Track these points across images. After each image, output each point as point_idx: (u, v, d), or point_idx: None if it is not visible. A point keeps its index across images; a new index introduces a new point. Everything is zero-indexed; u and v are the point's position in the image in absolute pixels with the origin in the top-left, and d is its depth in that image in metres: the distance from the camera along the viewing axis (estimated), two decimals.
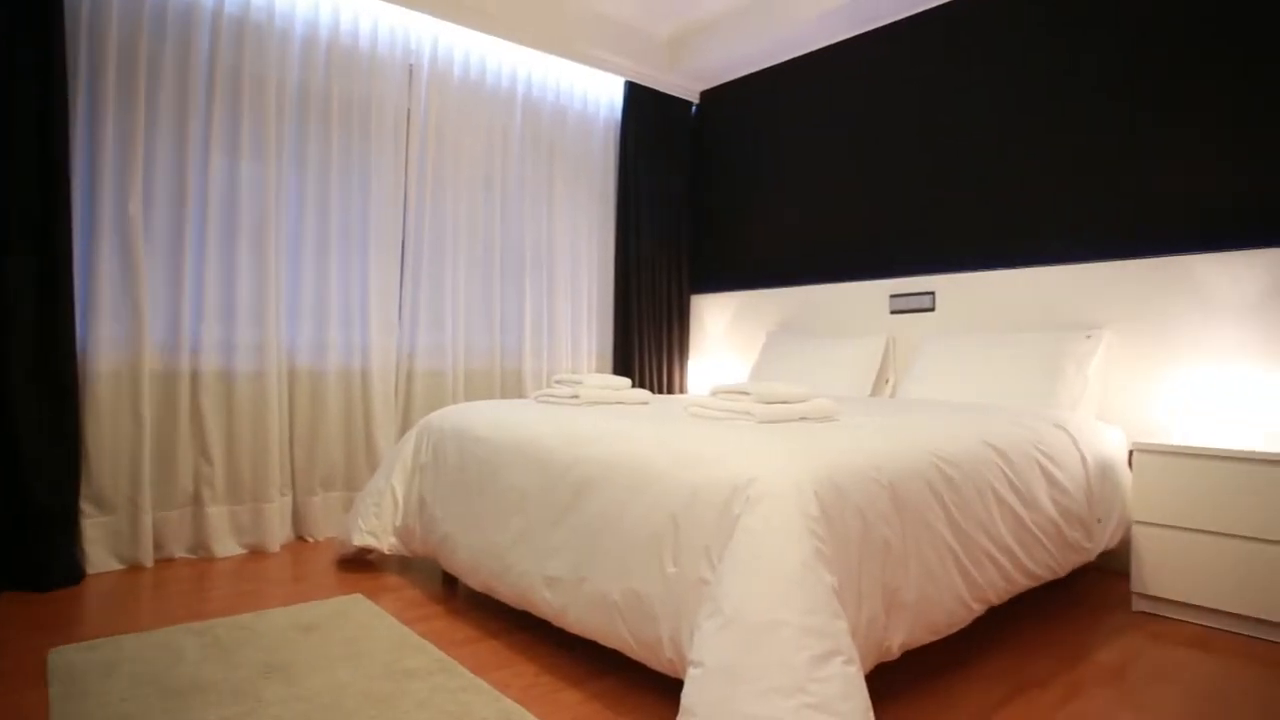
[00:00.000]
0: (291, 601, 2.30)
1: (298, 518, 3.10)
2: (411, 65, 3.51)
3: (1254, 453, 2.16)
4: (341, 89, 3.25)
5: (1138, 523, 2.37)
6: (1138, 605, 2.38)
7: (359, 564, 2.74)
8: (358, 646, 1.91)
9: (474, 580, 2.14)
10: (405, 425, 3.46)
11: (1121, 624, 2.26)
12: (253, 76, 2.97)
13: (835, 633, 1.30)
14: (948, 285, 3.36)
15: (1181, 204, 2.72)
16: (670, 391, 4.51)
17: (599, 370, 4.28)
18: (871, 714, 1.29)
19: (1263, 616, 2.13)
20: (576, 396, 2.53)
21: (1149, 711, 1.69)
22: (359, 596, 2.31)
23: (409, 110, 3.49)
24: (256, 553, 2.89)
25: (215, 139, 2.87)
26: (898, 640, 1.57)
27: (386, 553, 2.55)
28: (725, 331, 4.44)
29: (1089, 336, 2.81)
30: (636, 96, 4.36)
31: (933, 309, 3.41)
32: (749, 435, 1.69)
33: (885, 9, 3.56)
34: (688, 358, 4.62)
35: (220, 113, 2.89)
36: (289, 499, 3.08)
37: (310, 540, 3.09)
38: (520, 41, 3.78)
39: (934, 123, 3.48)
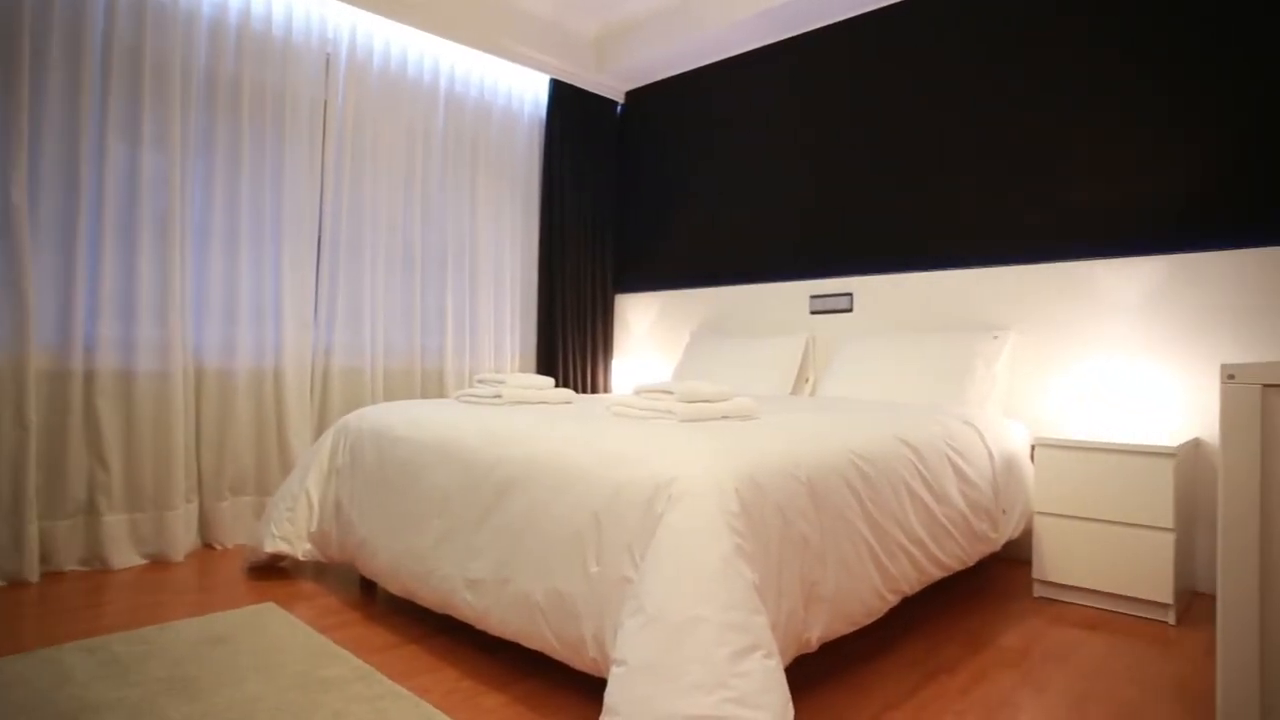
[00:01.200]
0: (197, 613, 2.20)
1: (205, 525, 2.96)
2: (329, 55, 3.40)
3: (1138, 446, 2.31)
4: (253, 77, 3.12)
5: (1039, 513, 2.50)
6: (1038, 591, 2.52)
7: (271, 571, 2.63)
8: (270, 657, 1.84)
9: (394, 585, 2.09)
10: (321, 426, 3.34)
11: (1023, 610, 2.38)
12: (154, 59, 2.82)
13: (755, 628, 1.33)
14: (865, 287, 3.47)
15: (1081, 215, 2.89)
16: (594, 391, 4.51)
17: (522, 370, 4.25)
18: (790, 706, 1.32)
19: (1145, 597, 2.29)
20: (499, 396, 2.50)
21: (1045, 690, 1.79)
22: (271, 605, 2.22)
23: (326, 102, 3.38)
24: (159, 563, 2.74)
25: (112, 125, 2.71)
26: (816, 633, 1.61)
27: (301, 559, 2.46)
28: (649, 331, 4.47)
29: (995, 337, 2.96)
30: (562, 95, 4.34)
31: (851, 310, 3.51)
32: (671, 434, 1.71)
33: (806, 16, 3.65)
34: (612, 357, 4.63)
35: (118, 97, 2.72)
36: (195, 505, 2.93)
37: (218, 548, 2.95)
38: (443, 35, 3.71)
39: (853, 129, 3.59)
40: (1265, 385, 1.34)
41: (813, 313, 3.65)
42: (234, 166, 3.06)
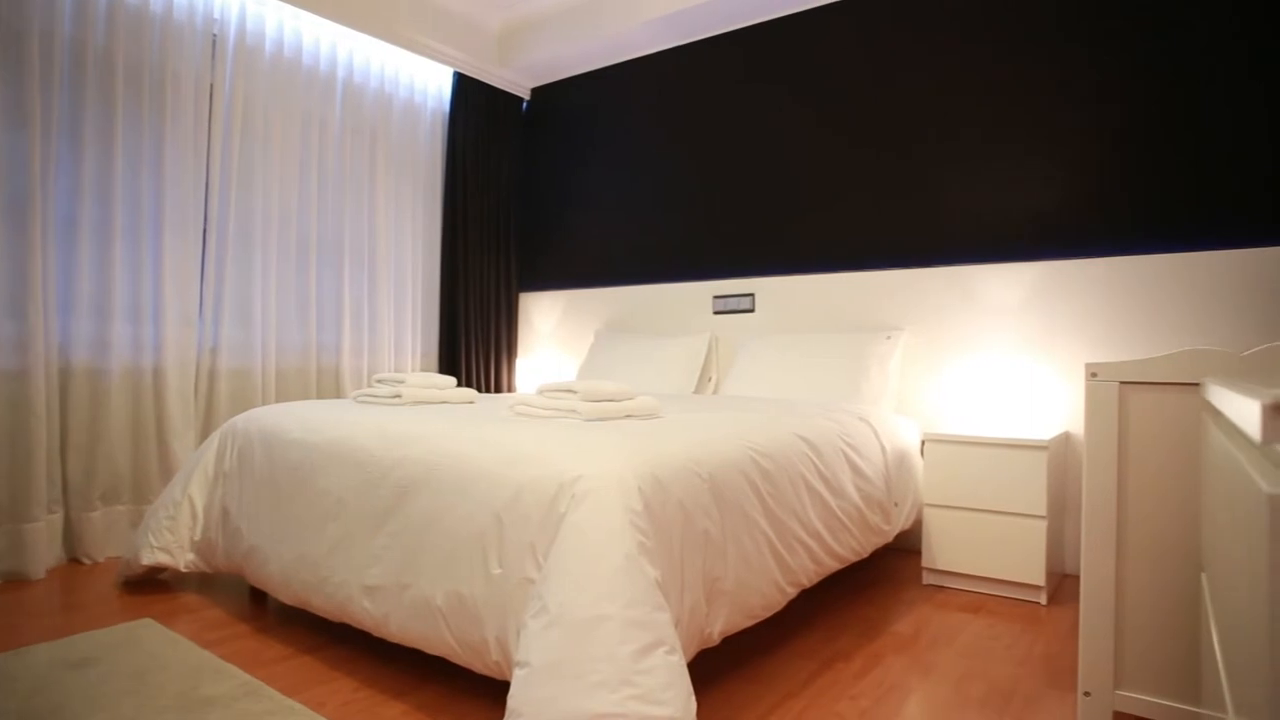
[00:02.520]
0: (61, 634, 2.03)
1: (71, 537, 2.74)
2: (215, 35, 3.21)
3: (1015, 440, 2.47)
4: (129, 53, 2.91)
5: (928, 505, 2.63)
6: (927, 579, 2.65)
7: (150, 585, 2.46)
8: (146, 678, 1.72)
9: (286, 594, 2.00)
10: (207, 429, 3.15)
11: (914, 597, 2.51)
12: (7, 26, 2.58)
13: (658, 624, 1.34)
14: (767, 288, 3.57)
15: (966, 223, 3.06)
16: (498, 390, 4.45)
17: (424, 369, 4.14)
18: (693, 701, 1.34)
19: (1021, 580, 2.45)
20: (399, 396, 2.43)
21: (931, 672, 1.89)
22: (148, 621, 2.08)
23: (212, 86, 3.19)
24: (14, 581, 2.51)
25: None
26: (718, 627, 1.64)
27: (183, 570, 2.32)
28: (554, 330, 4.44)
29: (889, 337, 3.09)
30: (466, 88, 4.26)
31: (753, 310, 3.60)
32: (575, 433, 1.70)
33: (709, 22, 3.71)
34: (516, 356, 4.58)
35: None
36: (59, 516, 2.70)
37: (87, 562, 2.73)
38: (339, 21, 3.57)
39: (754, 133, 3.67)
40: (1122, 382, 1.46)
41: (716, 313, 3.72)
42: (106, 150, 2.84)
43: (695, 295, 3.81)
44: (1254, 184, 2.51)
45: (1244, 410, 0.56)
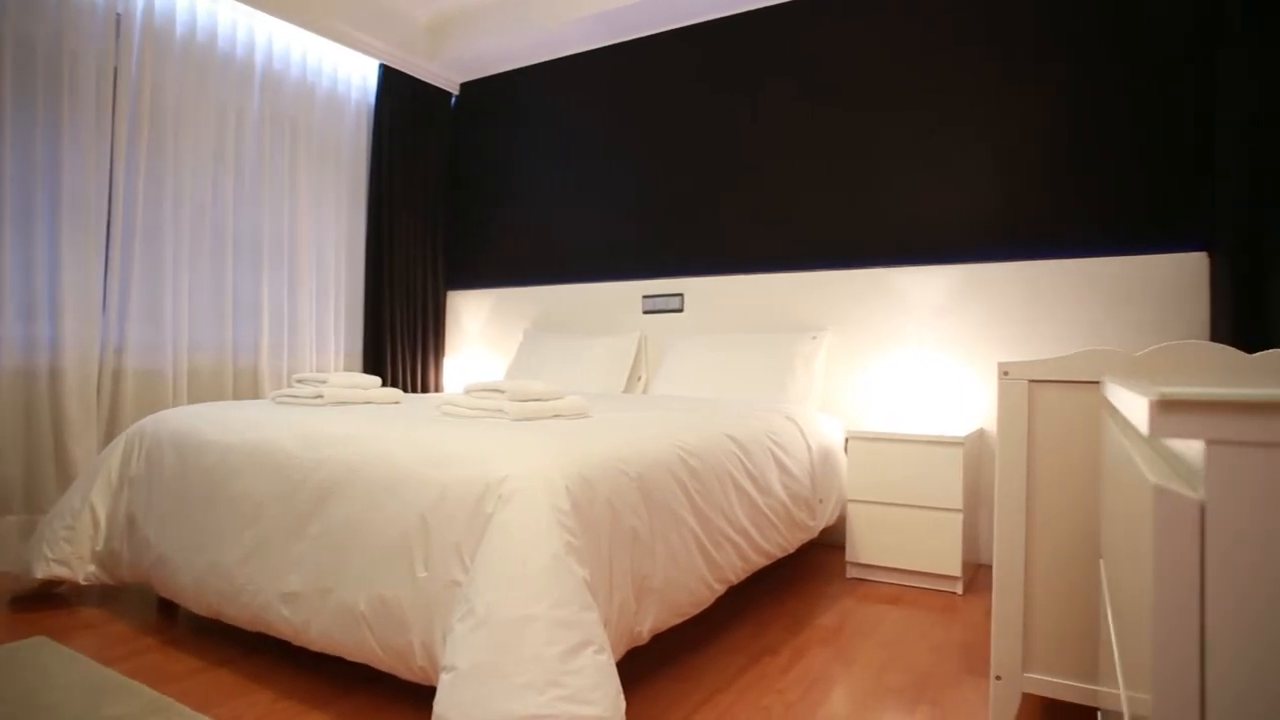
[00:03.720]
0: None
1: None
2: (119, 15, 3.04)
3: (933, 436, 2.56)
4: (18, 29, 2.72)
5: (851, 501, 2.71)
6: (851, 573, 2.73)
7: (44, 600, 2.31)
8: (38, 699, 1.61)
9: (198, 605, 1.91)
10: (111, 433, 2.98)
11: (838, 591, 2.57)
12: None
13: (586, 624, 1.34)
14: (695, 288, 3.60)
15: (889, 227, 3.16)
16: (425, 390, 4.36)
17: (347, 369, 4.02)
18: (622, 700, 1.34)
19: (939, 571, 2.55)
20: (320, 396, 2.35)
21: (854, 662, 1.94)
22: (42, 639, 1.95)
23: (116, 68, 3.02)
24: None
25: None
26: (647, 625, 1.65)
27: (83, 584, 2.18)
28: (482, 329, 4.38)
29: (814, 338, 3.17)
30: (392, 81, 4.15)
31: (682, 310, 3.63)
32: (502, 433, 1.68)
33: (641, 22, 3.72)
34: (443, 356, 4.49)
35: None
36: None
37: None
38: (257, 6, 3.43)
39: (684, 135, 3.70)
40: (1031, 381, 1.53)
41: (645, 312, 3.74)
42: None
43: (624, 295, 3.82)
44: (1153, 196, 2.67)
45: (1134, 406, 0.59)
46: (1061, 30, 2.82)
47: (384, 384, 4.04)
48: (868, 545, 2.67)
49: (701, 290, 3.59)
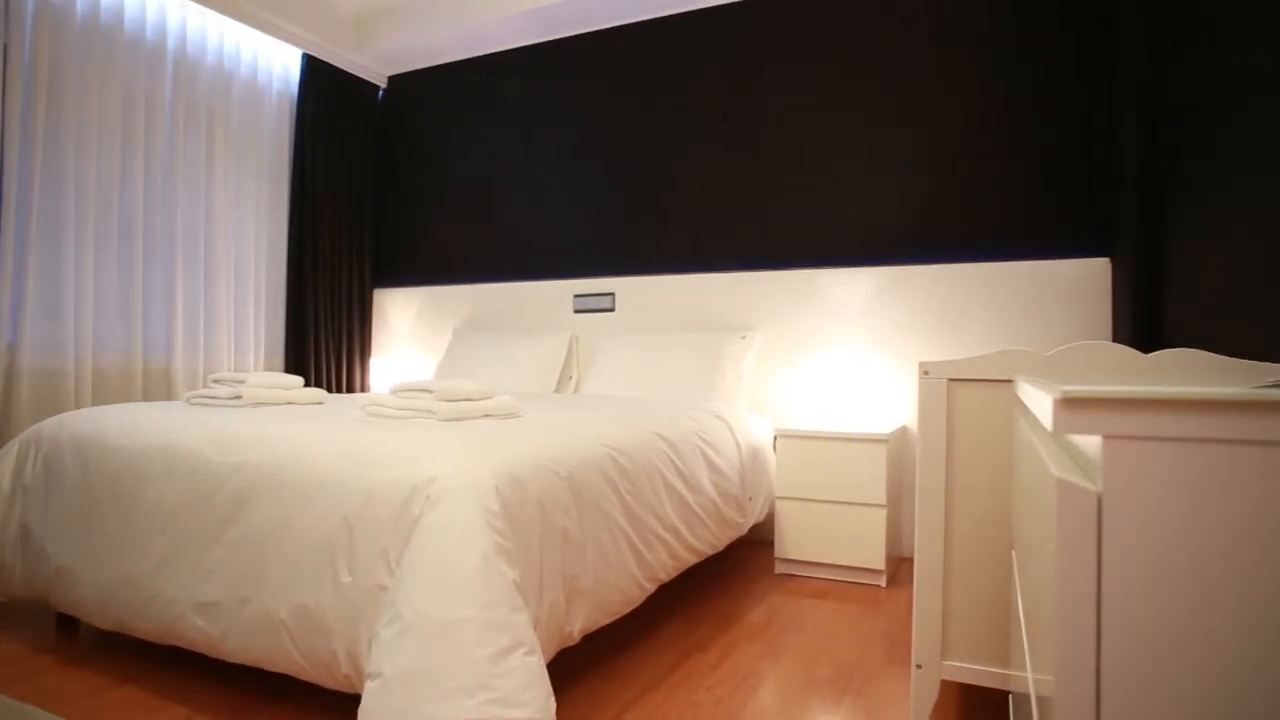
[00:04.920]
0: None
1: None
2: None
3: (858, 434, 2.64)
4: None
5: (780, 498, 2.76)
6: (779, 568, 2.78)
7: None
8: None
9: (102, 619, 1.81)
10: (3, 438, 2.80)
11: (767, 587, 2.62)
12: None
13: (516, 626, 1.32)
14: (627, 287, 3.61)
15: (816, 229, 3.24)
16: (351, 391, 4.24)
17: (268, 369, 3.87)
18: (553, 700, 1.33)
19: (864, 565, 2.62)
20: (239, 397, 2.26)
21: (782, 657, 1.98)
22: None
23: (6, 46, 2.83)
24: None
25: None
26: (578, 625, 1.65)
27: None
28: (410, 328, 4.29)
29: (743, 337, 3.22)
30: (316, 72, 4.02)
31: (613, 309, 3.64)
32: (430, 434, 1.65)
33: (576, 19, 3.71)
34: (370, 355, 4.38)
35: None
36: None
37: None
38: None
39: (615, 136, 3.71)
40: (950, 379, 1.59)
41: (576, 311, 3.73)
42: None
43: (556, 294, 3.80)
44: (1061, 207, 2.82)
45: (1040, 403, 0.63)
46: (971, 42, 2.95)
47: (307, 384, 3.91)
48: (796, 541, 2.72)
49: (633, 290, 3.60)
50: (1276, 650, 0.47)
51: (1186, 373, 1.35)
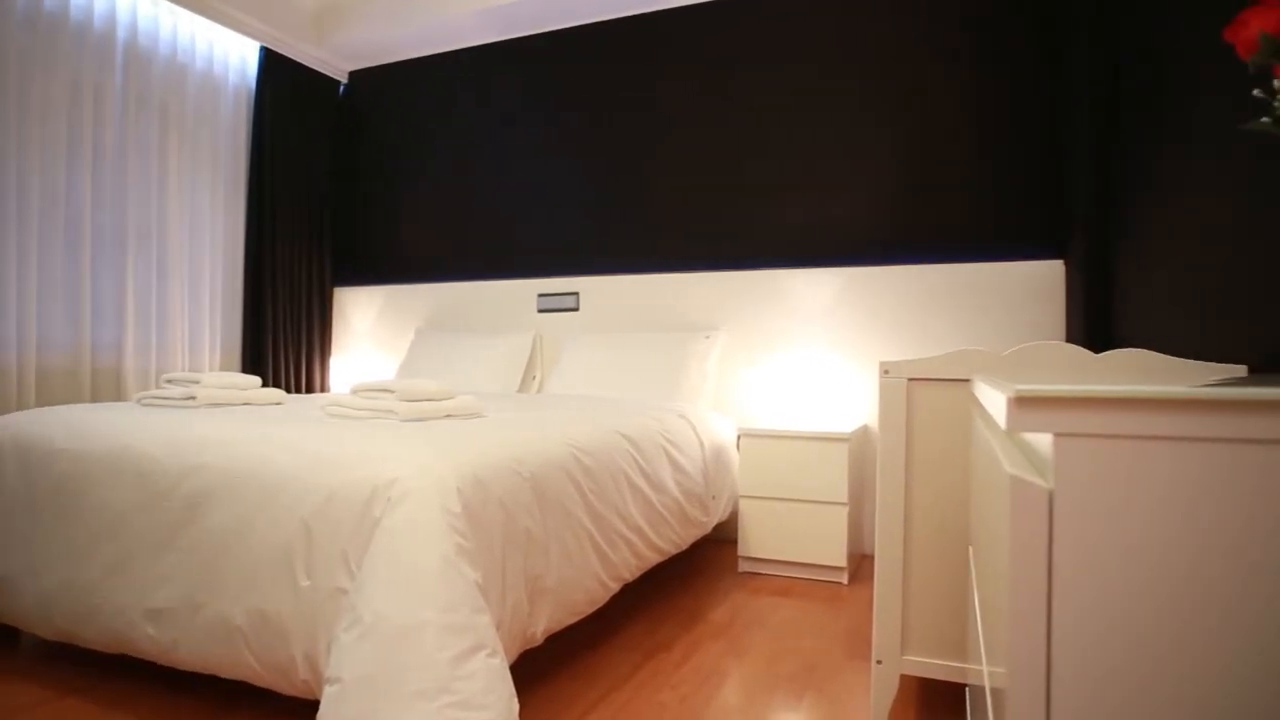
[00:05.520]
0: None
1: None
2: None
3: (820, 433, 2.67)
4: None
5: (743, 496, 2.78)
6: (743, 567, 2.80)
7: None
8: None
9: (46, 629, 1.75)
10: None
11: (730, 585, 2.63)
12: None
13: (478, 627, 1.31)
14: (591, 287, 3.61)
15: (781, 229, 3.26)
16: (310, 391, 4.16)
17: (224, 368, 3.78)
18: (515, 702, 1.32)
19: (825, 563, 2.65)
20: (193, 398, 2.20)
21: (746, 654, 1.99)
22: None
23: None
24: None
25: None
26: (542, 626, 1.64)
27: None
28: (372, 327, 4.23)
29: (707, 337, 3.23)
30: (275, 66, 3.93)
31: (577, 309, 3.63)
32: (391, 434, 1.63)
33: (543, 17, 3.69)
34: (330, 355, 4.30)
35: None
36: None
37: None
38: None
39: (580, 135, 3.70)
40: (910, 379, 1.61)
41: (540, 311, 3.71)
42: None
43: (519, 293, 3.78)
44: (1018, 210, 2.88)
45: (995, 402, 0.64)
46: (937, 57, 3.00)
47: (265, 384, 3.83)
48: (759, 539, 2.74)
49: (597, 290, 3.59)
50: (1219, 639, 0.49)
51: (1135, 372, 1.39)
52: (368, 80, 4.33)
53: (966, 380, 1.57)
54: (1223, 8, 1.07)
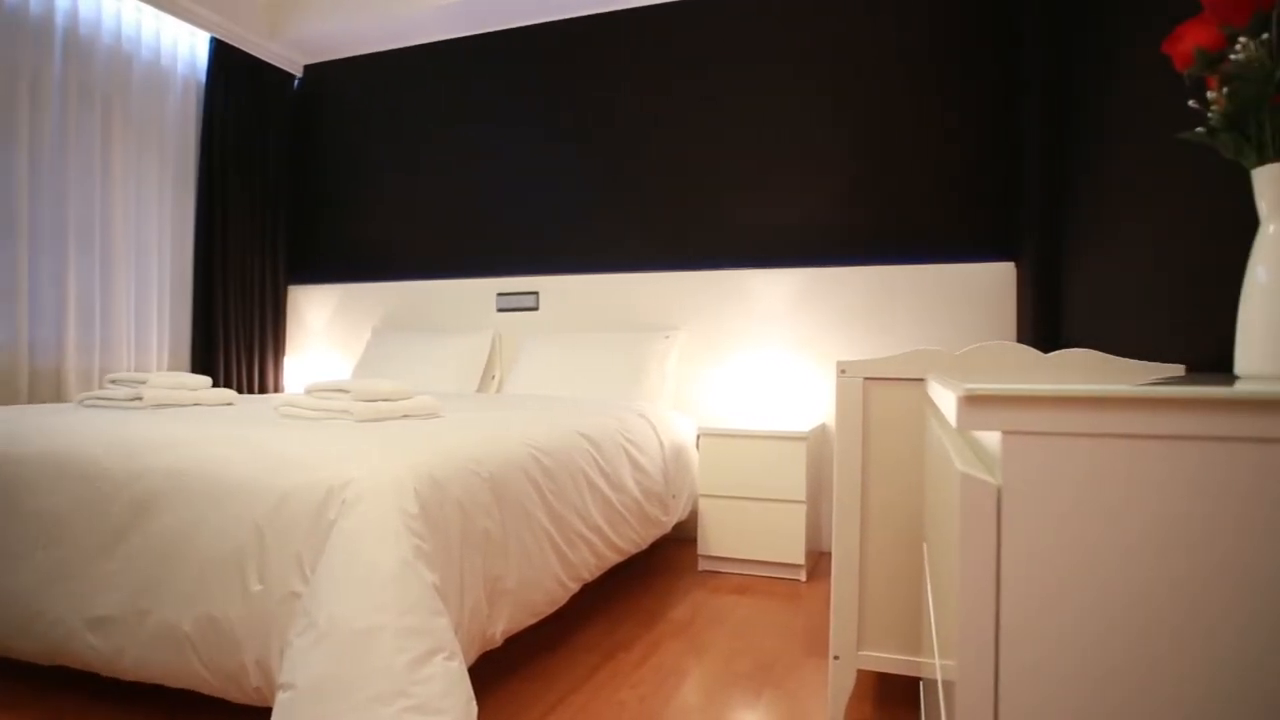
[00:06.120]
0: None
1: None
2: None
3: (779, 432, 2.70)
4: None
5: (703, 495, 2.79)
6: (702, 565, 2.81)
7: None
8: None
9: None
10: None
11: (690, 583, 2.64)
12: None
13: (436, 630, 1.30)
14: (551, 286, 3.59)
15: (741, 229, 3.29)
16: (264, 392, 4.07)
17: (173, 368, 3.67)
18: (473, 705, 1.31)
19: (784, 560, 2.68)
20: (139, 399, 2.14)
21: (705, 652, 2.01)
22: None
23: None
24: None
25: None
26: (501, 627, 1.62)
27: None
28: (327, 326, 4.15)
29: (667, 337, 3.24)
30: (226, 58, 3.83)
31: (537, 308, 3.61)
32: (346, 435, 1.60)
33: (507, 13, 3.66)
34: (284, 355, 4.21)
35: None
36: None
37: None
38: None
39: (541, 134, 3.68)
40: (866, 378, 1.64)
41: (499, 310, 3.69)
42: None
43: (478, 292, 3.74)
44: (973, 213, 2.95)
45: (947, 400, 0.65)
46: (896, 61, 3.06)
47: (216, 385, 3.73)
48: (718, 538, 2.76)
49: (557, 289, 3.58)
50: (1161, 630, 0.50)
51: (1080, 371, 1.43)
52: (324, 74, 4.25)
53: (921, 380, 1.60)
54: (1165, 17, 1.11)
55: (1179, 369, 1.30)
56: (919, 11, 3.03)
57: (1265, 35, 0.78)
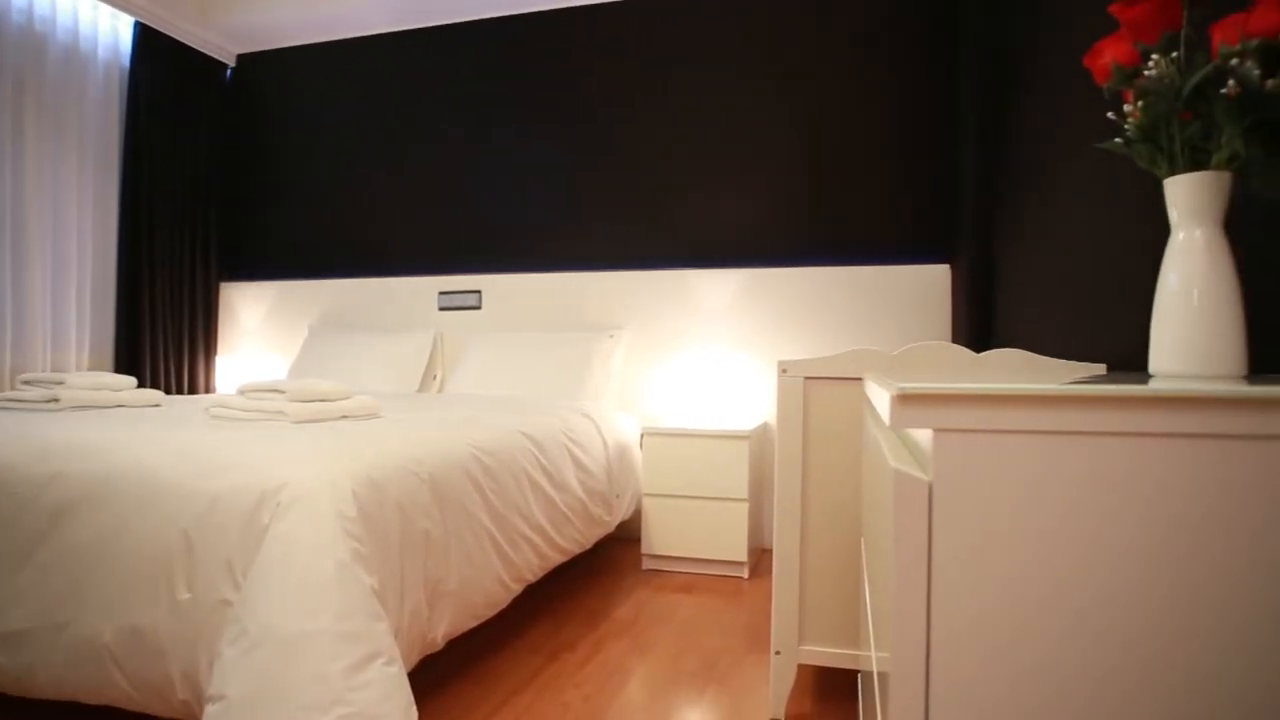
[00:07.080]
0: None
1: None
2: None
3: (722, 431, 2.72)
4: None
5: (647, 495, 2.80)
6: (646, 564, 2.82)
7: None
8: None
9: None
10: None
11: (634, 583, 2.65)
12: None
13: (375, 635, 1.27)
14: (494, 285, 3.55)
15: (684, 230, 3.31)
16: (194, 393, 3.92)
17: (95, 368, 3.51)
18: (413, 710, 1.29)
19: (727, 558, 2.71)
20: (56, 400, 2.04)
21: (649, 651, 2.01)
22: None
23: None
24: None
25: None
26: (442, 630, 1.60)
27: None
28: (261, 325, 4.02)
29: (611, 336, 3.24)
30: (151, 44, 3.67)
31: (480, 307, 3.57)
32: (281, 437, 1.56)
33: (444, 9, 3.60)
34: (215, 354, 4.06)
35: None
36: None
37: None
38: None
39: (483, 131, 3.63)
40: (807, 378, 1.67)
41: (441, 309, 3.63)
42: None
43: (420, 291, 3.68)
44: (912, 215, 3.03)
45: (881, 399, 0.67)
46: (837, 66, 3.12)
47: (142, 385, 3.58)
48: (662, 537, 2.78)
49: (501, 288, 3.54)
50: (1086, 621, 0.53)
51: (1008, 370, 1.48)
52: (257, 65, 4.11)
53: (860, 379, 1.64)
54: (1086, 33, 1.16)
55: (1101, 368, 1.36)
56: (857, 18, 3.10)
57: (1175, 54, 0.82)
